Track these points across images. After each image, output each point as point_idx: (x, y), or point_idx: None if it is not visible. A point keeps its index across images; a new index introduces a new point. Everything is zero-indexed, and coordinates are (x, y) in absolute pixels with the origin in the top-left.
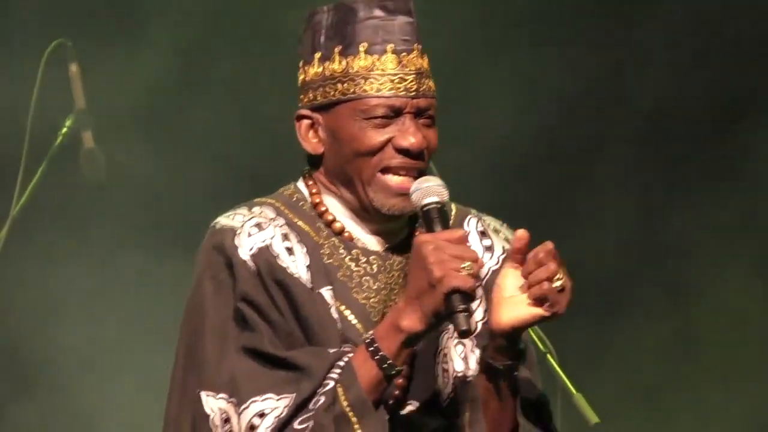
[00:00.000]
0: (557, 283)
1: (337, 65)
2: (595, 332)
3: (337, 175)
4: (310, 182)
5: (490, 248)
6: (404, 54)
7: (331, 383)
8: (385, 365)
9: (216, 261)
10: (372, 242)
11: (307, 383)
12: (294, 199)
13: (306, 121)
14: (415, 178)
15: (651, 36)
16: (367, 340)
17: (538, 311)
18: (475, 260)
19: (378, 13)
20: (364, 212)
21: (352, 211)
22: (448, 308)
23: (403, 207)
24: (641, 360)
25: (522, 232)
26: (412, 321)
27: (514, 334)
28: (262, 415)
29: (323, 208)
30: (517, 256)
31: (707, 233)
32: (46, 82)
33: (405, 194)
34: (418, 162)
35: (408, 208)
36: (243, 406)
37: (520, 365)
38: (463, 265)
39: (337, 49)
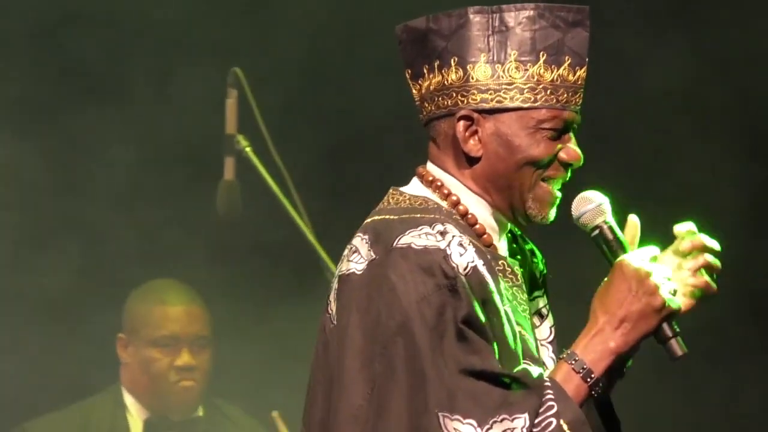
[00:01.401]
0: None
1: (514, 72)
2: None
3: (493, 181)
4: (445, 190)
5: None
6: (578, 68)
7: (552, 404)
8: (597, 387)
9: (426, 282)
10: (503, 250)
11: (532, 402)
12: (444, 210)
13: (465, 122)
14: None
15: None
16: (574, 362)
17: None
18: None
19: (558, 23)
20: (507, 219)
21: (494, 217)
22: (662, 332)
23: (551, 217)
24: None
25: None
26: (621, 344)
27: None
28: None
29: (470, 216)
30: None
31: None
32: None
33: (554, 205)
34: (567, 175)
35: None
36: (485, 427)
37: None
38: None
39: (513, 55)
